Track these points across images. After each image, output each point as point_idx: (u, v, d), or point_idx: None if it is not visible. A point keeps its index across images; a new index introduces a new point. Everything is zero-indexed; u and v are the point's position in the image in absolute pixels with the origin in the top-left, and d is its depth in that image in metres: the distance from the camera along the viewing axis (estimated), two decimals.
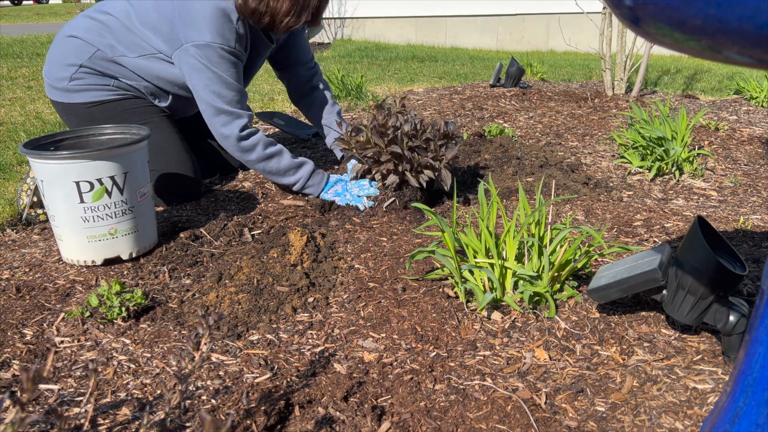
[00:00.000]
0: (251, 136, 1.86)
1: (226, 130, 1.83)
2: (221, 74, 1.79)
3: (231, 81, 1.81)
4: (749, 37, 0.51)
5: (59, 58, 1.90)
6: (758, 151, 2.51)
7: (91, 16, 1.91)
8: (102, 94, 1.91)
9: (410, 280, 1.45)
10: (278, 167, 1.90)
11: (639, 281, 1.14)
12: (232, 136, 1.83)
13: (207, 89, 1.80)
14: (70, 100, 1.91)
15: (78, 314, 1.29)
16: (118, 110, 1.93)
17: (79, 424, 0.97)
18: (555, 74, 4.67)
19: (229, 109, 1.82)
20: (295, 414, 1.00)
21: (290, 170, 1.91)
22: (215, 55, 1.77)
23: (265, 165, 1.89)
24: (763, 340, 0.69)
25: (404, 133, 1.83)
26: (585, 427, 0.98)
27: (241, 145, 1.85)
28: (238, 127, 1.83)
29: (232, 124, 1.83)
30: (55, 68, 1.91)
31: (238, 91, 1.84)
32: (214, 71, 1.78)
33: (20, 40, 7.03)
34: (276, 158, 1.89)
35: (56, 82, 1.91)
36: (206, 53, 1.76)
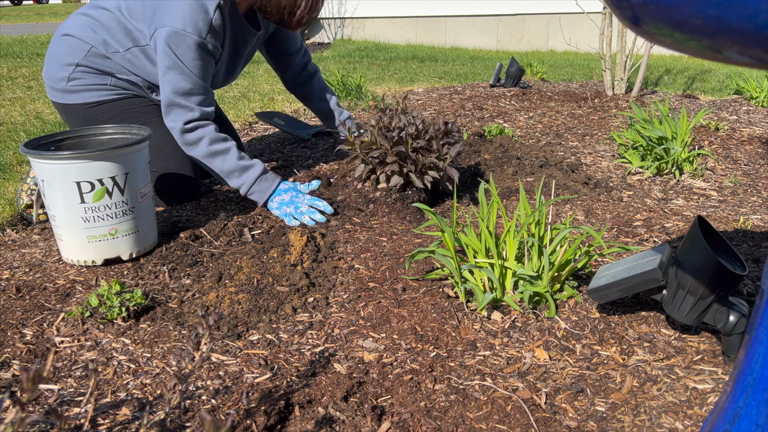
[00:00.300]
0: (196, 130, 1.78)
1: (170, 121, 1.78)
2: (183, 64, 1.73)
3: (191, 73, 1.75)
4: (749, 37, 0.51)
5: (56, 58, 1.89)
6: (758, 151, 2.51)
7: (85, 12, 1.90)
8: (100, 94, 1.90)
9: (410, 280, 1.45)
10: (222, 167, 1.80)
11: (639, 281, 1.14)
12: (175, 128, 1.77)
13: (165, 76, 1.75)
14: (69, 101, 1.91)
15: (78, 314, 1.29)
16: (117, 110, 1.92)
17: (79, 424, 0.97)
18: (555, 74, 4.67)
19: (181, 102, 1.76)
20: (295, 414, 1.00)
21: (234, 172, 1.81)
22: (183, 44, 1.71)
23: (210, 162, 1.80)
24: (763, 340, 0.69)
25: (408, 134, 1.83)
26: (585, 427, 0.98)
27: (185, 138, 1.78)
28: (184, 119, 1.76)
29: (179, 116, 1.77)
30: (53, 68, 1.90)
31: (197, 85, 1.77)
32: (176, 59, 1.72)
33: (20, 40, 7.03)
34: (221, 157, 1.80)
35: (55, 82, 1.90)
36: (174, 40, 1.71)
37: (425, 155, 1.83)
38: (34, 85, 4.21)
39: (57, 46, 1.90)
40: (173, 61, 1.73)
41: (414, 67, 5.20)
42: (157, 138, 1.92)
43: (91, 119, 1.91)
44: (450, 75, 4.70)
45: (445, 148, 1.85)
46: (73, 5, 20.23)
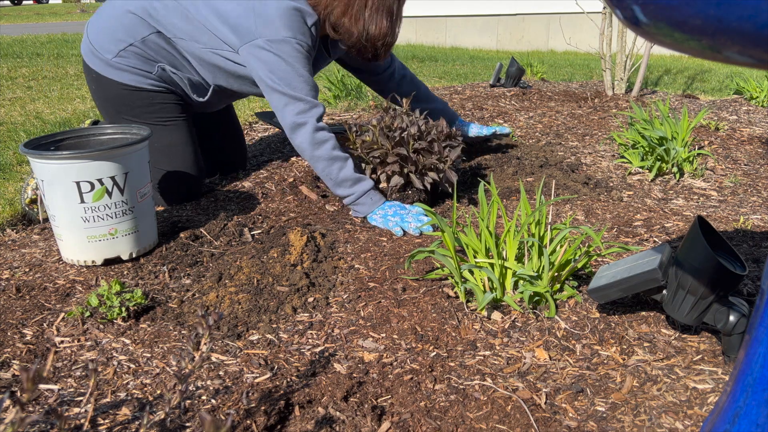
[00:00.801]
0: (325, 130, 1.81)
1: (301, 118, 1.77)
2: (297, 66, 1.76)
3: (306, 74, 1.79)
4: (749, 37, 0.51)
5: (111, 30, 1.85)
6: (758, 151, 2.51)
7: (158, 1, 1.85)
8: (140, 80, 1.87)
9: (410, 280, 1.45)
10: (337, 175, 1.81)
11: (639, 281, 1.14)
12: (308, 124, 1.77)
13: (283, 82, 1.76)
14: (107, 74, 1.87)
15: (78, 314, 1.29)
16: (147, 101, 1.90)
17: (79, 424, 0.97)
18: (555, 74, 4.67)
19: (307, 98, 1.78)
20: (295, 414, 1.00)
21: (347, 182, 1.82)
22: (291, 50, 1.75)
23: (326, 166, 1.81)
24: (763, 340, 0.69)
25: (410, 135, 1.83)
26: (585, 427, 0.98)
27: (316, 137, 1.78)
28: (316, 116, 1.78)
29: (309, 113, 1.78)
30: (104, 38, 1.86)
31: (313, 85, 1.81)
32: (290, 63, 1.75)
33: (20, 40, 7.04)
34: (339, 164, 1.81)
35: (101, 51, 1.86)
36: (282, 47, 1.74)
37: (426, 156, 1.83)
38: (33, 85, 4.21)
39: (117, 19, 1.85)
40: (287, 64, 1.76)
41: (414, 66, 5.20)
42: (176, 137, 1.92)
43: (121, 101, 1.88)
44: (450, 75, 4.70)
45: (446, 151, 1.85)
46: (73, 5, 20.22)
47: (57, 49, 6.14)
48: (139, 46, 1.84)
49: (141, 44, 1.84)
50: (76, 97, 3.76)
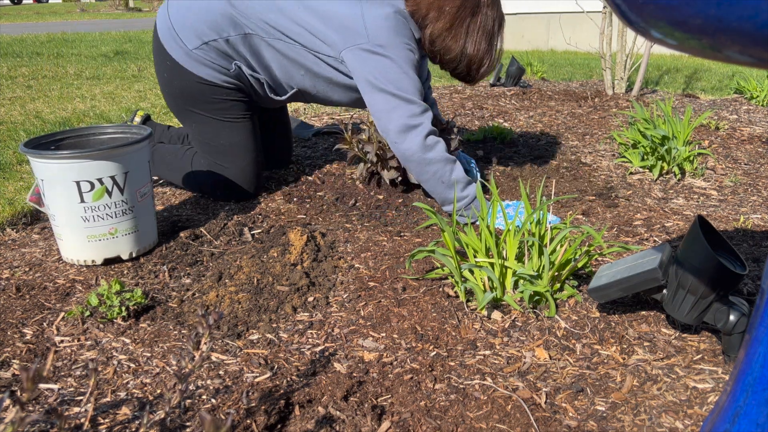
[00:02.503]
0: (437, 135, 1.78)
1: (415, 120, 1.74)
2: (408, 70, 1.74)
3: (416, 78, 1.77)
4: (750, 37, 0.51)
5: (196, 20, 1.79)
6: (758, 151, 2.51)
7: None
8: (216, 76, 1.84)
9: (410, 279, 1.45)
10: (450, 177, 1.77)
11: (639, 281, 1.14)
12: (422, 126, 1.74)
13: (394, 85, 1.73)
14: (184, 64, 1.82)
15: (78, 314, 1.29)
16: (218, 97, 1.87)
17: (79, 423, 0.97)
18: (555, 73, 4.67)
19: (419, 101, 1.76)
20: (295, 413, 1.00)
21: (460, 183, 1.78)
22: (404, 53, 1.74)
23: (438, 169, 1.76)
24: (763, 340, 0.69)
25: None
26: (585, 426, 0.98)
27: (429, 140, 1.74)
28: (429, 118, 1.76)
29: (423, 116, 1.75)
30: (187, 26, 1.80)
31: (422, 89, 1.79)
32: (401, 66, 1.73)
33: (20, 39, 7.03)
34: (451, 165, 1.77)
35: (184, 39, 1.80)
36: (394, 51, 1.73)
37: None
38: (33, 84, 4.21)
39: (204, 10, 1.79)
40: (403, 70, 1.74)
41: None
42: (240, 137, 1.91)
43: (191, 91, 1.85)
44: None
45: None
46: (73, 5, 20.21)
47: (57, 49, 6.14)
48: (221, 44, 1.80)
49: (224, 43, 1.79)
50: (76, 97, 3.76)
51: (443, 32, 1.78)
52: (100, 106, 3.46)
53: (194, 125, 1.93)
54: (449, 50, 1.80)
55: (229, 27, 1.78)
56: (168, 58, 1.84)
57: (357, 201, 1.97)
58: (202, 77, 1.83)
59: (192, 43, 1.80)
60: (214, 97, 1.87)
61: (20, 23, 12.02)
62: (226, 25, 1.78)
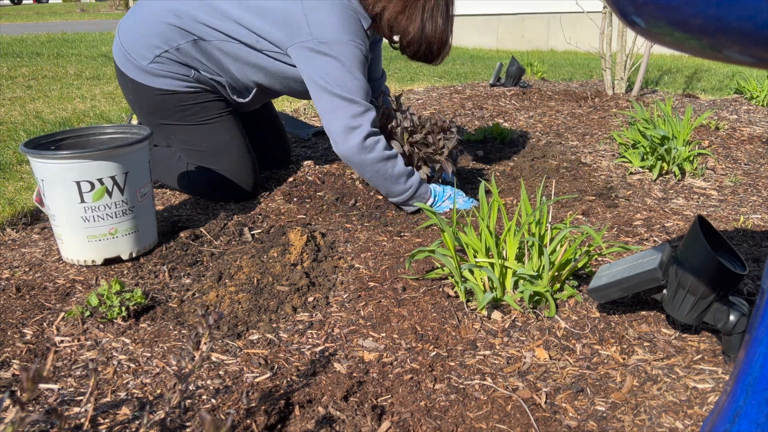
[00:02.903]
0: (377, 134, 1.77)
1: (356, 121, 1.73)
2: (353, 69, 1.73)
3: (361, 77, 1.76)
4: (750, 37, 0.51)
5: (144, 36, 1.82)
6: (758, 151, 2.51)
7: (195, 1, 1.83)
8: (177, 84, 1.85)
9: (410, 279, 1.45)
10: (392, 172, 1.77)
11: (639, 281, 1.14)
12: (361, 128, 1.73)
13: (338, 84, 1.72)
14: (143, 81, 1.84)
15: (78, 314, 1.29)
16: (187, 103, 1.88)
17: (79, 423, 0.97)
18: (555, 73, 4.67)
19: (364, 103, 1.75)
20: (295, 413, 1.00)
21: (402, 177, 1.79)
22: (350, 52, 1.73)
23: (380, 167, 1.76)
24: (763, 340, 0.69)
25: (404, 129, 1.83)
26: (585, 426, 0.98)
27: (366, 143, 1.74)
28: (370, 119, 1.75)
29: (364, 116, 1.74)
30: (137, 44, 1.82)
31: (368, 89, 1.78)
32: (346, 65, 1.72)
33: (20, 39, 7.04)
34: (392, 161, 1.77)
35: (135, 57, 1.82)
36: (340, 49, 1.71)
37: (421, 149, 1.83)
38: (33, 84, 4.21)
39: (148, 25, 1.82)
40: (348, 67, 1.72)
41: (414, 66, 5.20)
42: (222, 136, 1.91)
43: (159, 105, 1.86)
44: (450, 74, 4.70)
45: (442, 143, 1.85)
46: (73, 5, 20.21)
47: (57, 49, 6.14)
48: (174, 53, 1.81)
49: (176, 52, 1.81)
50: (76, 97, 3.76)
51: (398, 15, 1.77)
52: (100, 106, 3.46)
53: (173, 137, 1.94)
54: (407, 33, 1.79)
55: (177, 36, 1.80)
56: (128, 80, 1.87)
57: (357, 201, 1.97)
58: (163, 88, 1.85)
59: (145, 59, 1.82)
60: (182, 104, 1.88)
61: (20, 23, 12.02)
62: (174, 34, 1.80)
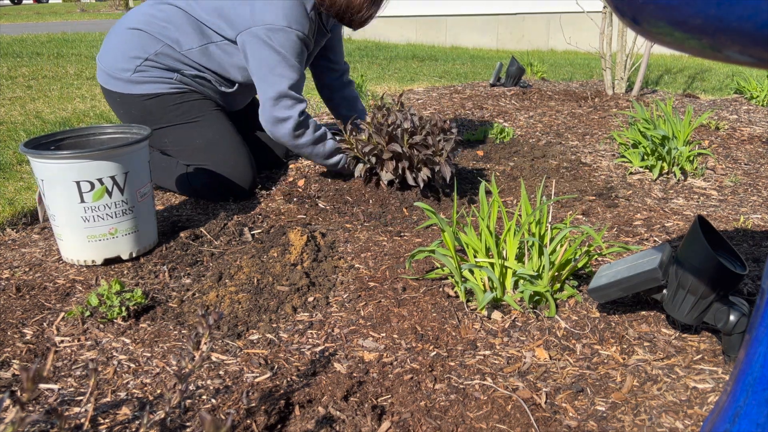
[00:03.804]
0: (307, 121, 1.88)
1: (286, 113, 1.83)
2: (289, 58, 1.79)
3: (296, 65, 1.82)
4: (750, 37, 0.51)
5: (122, 50, 1.88)
6: (758, 151, 2.51)
7: (155, 9, 1.89)
8: (161, 87, 1.89)
9: (410, 279, 1.45)
10: (324, 150, 1.94)
11: (639, 281, 1.14)
12: (291, 119, 1.83)
13: (273, 72, 1.79)
14: (128, 91, 1.89)
15: (78, 314, 1.29)
16: (174, 103, 1.91)
17: (79, 423, 0.97)
18: (555, 73, 4.67)
19: (293, 94, 1.83)
20: (295, 413, 1.00)
21: (335, 151, 1.96)
22: (287, 40, 1.77)
23: (313, 149, 1.92)
24: (763, 340, 0.69)
25: (404, 130, 1.83)
26: (585, 426, 0.98)
27: (297, 132, 1.86)
28: (299, 111, 1.84)
29: (294, 108, 1.84)
30: (117, 59, 1.89)
31: (302, 76, 1.86)
32: (282, 54, 1.78)
33: (20, 39, 7.03)
34: (322, 142, 1.93)
35: (117, 72, 1.88)
36: (278, 36, 1.76)
37: (421, 151, 1.83)
38: (34, 84, 4.21)
39: (124, 39, 1.89)
40: (282, 55, 1.78)
41: (414, 66, 5.20)
42: (213, 132, 1.93)
43: (147, 111, 1.90)
44: (450, 74, 4.69)
45: (441, 144, 1.85)
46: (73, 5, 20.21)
47: (57, 49, 6.14)
48: (153, 59, 1.86)
49: (155, 57, 1.86)
50: (76, 97, 3.76)
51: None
52: (100, 106, 3.46)
53: (166, 140, 1.96)
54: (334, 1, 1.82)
55: (152, 43, 1.86)
56: (115, 96, 1.93)
57: (356, 201, 1.97)
58: (149, 93, 1.89)
59: (128, 71, 1.88)
60: (170, 104, 1.91)
61: (20, 23, 12.01)
62: (148, 42, 1.86)
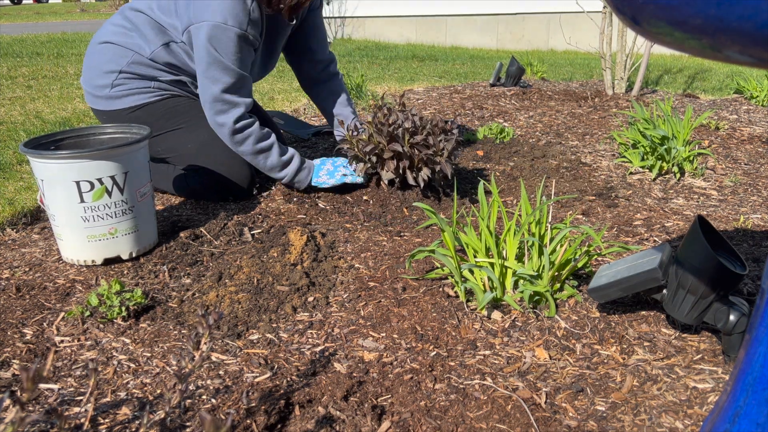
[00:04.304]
0: (245, 129, 1.83)
1: (221, 118, 1.80)
2: (223, 59, 1.73)
3: (232, 67, 1.75)
4: (750, 36, 0.51)
5: (97, 67, 1.89)
6: (758, 151, 2.51)
7: (118, 18, 1.90)
8: (143, 97, 1.89)
9: (410, 279, 1.45)
10: (265, 164, 1.89)
11: (639, 281, 1.14)
12: (226, 126, 1.80)
13: (206, 73, 1.75)
14: (112, 107, 1.90)
15: (78, 314, 1.29)
16: (161, 111, 1.91)
17: (79, 423, 0.97)
18: (555, 73, 4.67)
19: (227, 98, 1.78)
20: (295, 413, 1.00)
21: (276, 167, 1.90)
22: (224, 37, 1.70)
23: (253, 159, 1.88)
24: (763, 340, 0.69)
25: (405, 129, 1.83)
26: (585, 426, 0.98)
27: (235, 138, 1.82)
28: (233, 117, 1.80)
29: (228, 114, 1.79)
30: (94, 77, 1.89)
31: (240, 77, 1.78)
32: (216, 54, 1.72)
33: (20, 39, 7.03)
34: (264, 154, 1.87)
35: (97, 90, 1.89)
36: (214, 33, 1.70)
37: (422, 151, 1.83)
38: (34, 84, 4.21)
39: (96, 55, 1.89)
40: (214, 57, 1.73)
41: (414, 66, 5.20)
42: (204, 134, 1.92)
43: (135, 123, 1.89)
44: (450, 74, 4.69)
45: (442, 144, 1.85)
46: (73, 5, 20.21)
47: (57, 49, 6.14)
48: (128, 70, 1.87)
49: (129, 67, 1.87)
50: (76, 97, 3.76)
51: None
52: None
53: (160, 148, 1.96)
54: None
55: (121, 54, 1.86)
56: (102, 114, 1.94)
57: (356, 199, 1.97)
58: (132, 106, 1.90)
59: (106, 87, 1.89)
60: (156, 112, 1.91)
61: (20, 23, 12.01)
62: (118, 54, 1.86)
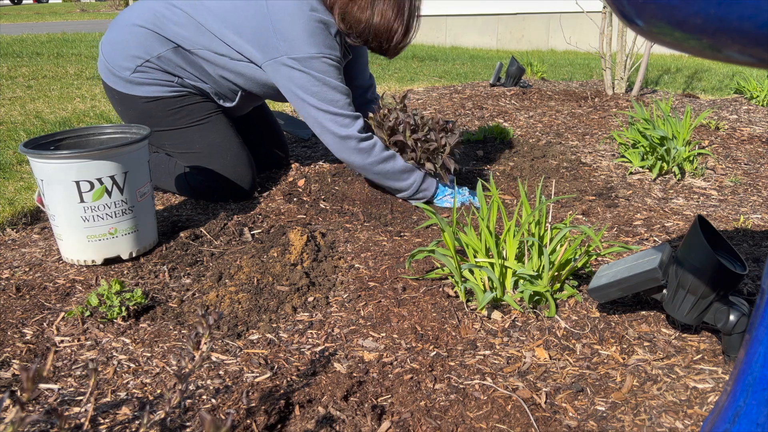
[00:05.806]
0: (370, 139, 1.83)
1: (346, 131, 1.79)
2: (330, 80, 1.76)
3: (340, 85, 1.78)
4: (750, 36, 0.51)
5: (123, 47, 1.84)
6: (758, 151, 2.51)
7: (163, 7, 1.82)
8: (162, 90, 1.86)
9: (410, 279, 1.45)
10: (394, 168, 1.84)
11: (639, 280, 1.14)
12: (352, 137, 1.80)
13: (318, 98, 1.77)
14: (128, 91, 1.86)
15: (78, 314, 1.29)
16: (175, 107, 1.89)
17: (79, 423, 0.97)
18: (555, 73, 4.67)
19: (346, 113, 1.80)
20: (295, 413, 1.00)
21: (405, 172, 1.86)
22: (321, 65, 1.74)
23: (383, 167, 1.84)
24: (763, 340, 0.69)
25: (407, 124, 1.84)
26: (585, 426, 0.98)
27: (361, 146, 1.81)
28: (358, 127, 1.81)
29: (352, 126, 1.80)
30: (117, 55, 1.85)
31: (348, 94, 1.82)
32: (321, 79, 1.75)
33: (20, 39, 7.03)
34: (392, 160, 1.84)
35: (118, 69, 1.85)
36: (311, 64, 1.73)
37: (424, 145, 1.84)
38: (33, 84, 4.21)
39: (128, 35, 1.83)
40: (320, 82, 1.75)
41: (414, 66, 5.20)
42: (214, 136, 1.91)
43: (147, 113, 1.88)
44: (450, 74, 4.69)
45: (444, 140, 1.86)
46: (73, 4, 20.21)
47: (57, 49, 6.14)
48: (155, 62, 1.83)
49: (157, 60, 1.82)
50: (76, 97, 3.76)
51: (347, 5, 1.75)
52: (100, 106, 3.46)
53: (166, 143, 1.95)
54: (358, 22, 1.77)
55: (156, 44, 1.82)
56: (115, 93, 1.90)
57: (356, 198, 1.97)
58: (149, 96, 1.86)
59: (128, 69, 1.84)
60: (170, 108, 1.89)
61: (20, 23, 12.01)
62: (153, 42, 1.82)
